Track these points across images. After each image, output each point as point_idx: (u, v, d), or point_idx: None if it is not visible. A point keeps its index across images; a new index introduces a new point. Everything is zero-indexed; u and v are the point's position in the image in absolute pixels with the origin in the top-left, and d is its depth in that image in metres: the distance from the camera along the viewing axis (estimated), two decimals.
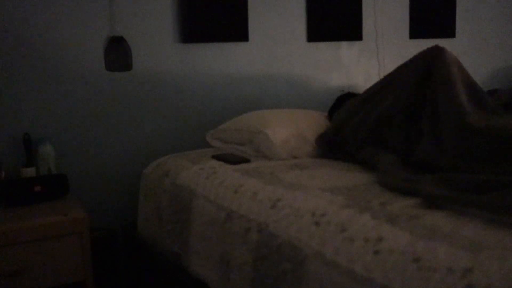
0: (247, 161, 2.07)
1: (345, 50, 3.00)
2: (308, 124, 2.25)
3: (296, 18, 2.82)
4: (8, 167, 2.18)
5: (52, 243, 1.88)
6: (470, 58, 3.39)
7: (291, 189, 1.63)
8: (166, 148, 2.48)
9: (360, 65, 3.05)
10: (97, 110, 2.38)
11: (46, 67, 2.26)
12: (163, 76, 2.51)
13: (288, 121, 2.23)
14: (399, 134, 1.84)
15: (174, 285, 2.02)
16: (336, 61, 2.97)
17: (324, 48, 2.92)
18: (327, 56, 2.93)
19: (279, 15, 2.77)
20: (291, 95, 2.83)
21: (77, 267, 1.92)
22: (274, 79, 2.78)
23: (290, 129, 2.15)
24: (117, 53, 2.35)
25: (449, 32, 3.27)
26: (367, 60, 3.06)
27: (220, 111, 2.64)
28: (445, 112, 1.73)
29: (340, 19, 2.93)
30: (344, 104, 2.22)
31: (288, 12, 2.79)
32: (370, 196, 1.49)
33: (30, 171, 2.15)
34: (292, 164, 1.98)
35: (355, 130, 1.97)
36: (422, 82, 1.88)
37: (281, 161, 2.04)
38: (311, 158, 2.10)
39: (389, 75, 2.05)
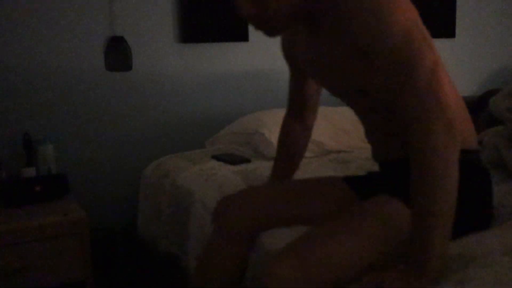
0: (247, 161, 2.07)
1: None
2: None
3: None
4: (8, 167, 2.18)
5: (52, 243, 1.89)
6: (470, 58, 3.40)
7: None
8: (166, 148, 2.49)
9: None
10: (97, 110, 2.38)
11: (46, 66, 2.26)
12: (163, 76, 2.51)
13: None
14: None
15: (174, 284, 2.03)
16: None
17: None
18: None
19: None
20: None
21: (77, 267, 1.93)
22: (274, 79, 2.79)
23: None
24: (117, 53, 2.36)
25: (449, 32, 3.26)
26: None
27: (220, 111, 2.65)
28: None
29: None
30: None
31: None
32: None
33: (30, 171, 2.15)
34: None
35: None
36: None
37: None
38: (311, 158, 2.11)
39: None
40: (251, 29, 2.67)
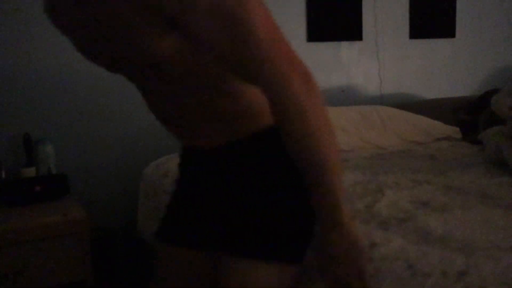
0: None
1: (345, 50, 3.00)
2: None
3: (296, 18, 2.82)
4: (8, 167, 2.19)
5: (52, 243, 1.89)
6: (470, 58, 3.40)
7: None
8: (166, 148, 2.49)
9: (360, 65, 3.05)
10: (97, 110, 2.39)
11: (46, 66, 2.27)
12: None
13: None
14: None
15: None
16: (336, 61, 2.97)
17: (324, 48, 2.92)
18: (327, 56, 2.93)
19: (279, 15, 2.75)
20: None
21: (77, 267, 1.93)
22: None
23: None
24: None
25: (449, 32, 3.26)
26: (367, 60, 3.07)
27: None
28: None
29: (340, 19, 2.93)
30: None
31: (288, 12, 2.79)
32: (354, 197, 1.51)
33: (30, 171, 2.15)
34: None
35: None
36: None
37: None
38: None
39: None
40: None
